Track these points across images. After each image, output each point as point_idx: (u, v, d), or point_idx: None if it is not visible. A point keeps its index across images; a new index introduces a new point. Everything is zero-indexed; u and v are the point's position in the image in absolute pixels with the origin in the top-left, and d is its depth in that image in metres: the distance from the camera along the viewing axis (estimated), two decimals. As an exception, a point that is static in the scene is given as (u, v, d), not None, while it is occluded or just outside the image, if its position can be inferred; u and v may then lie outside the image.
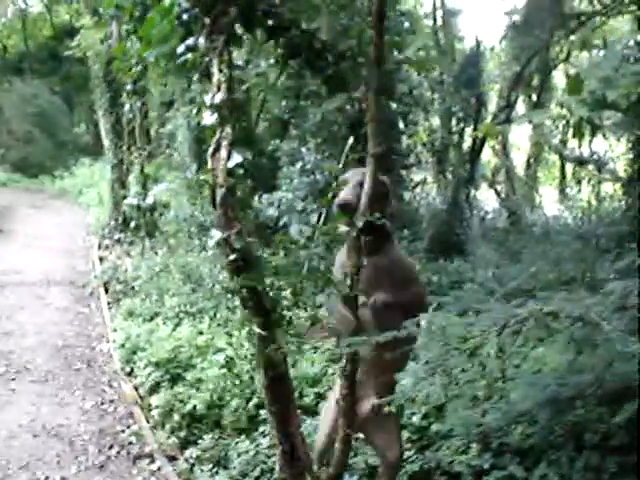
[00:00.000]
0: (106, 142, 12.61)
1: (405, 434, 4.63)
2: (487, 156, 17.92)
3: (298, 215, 6.59)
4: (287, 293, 3.11)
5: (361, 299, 3.03)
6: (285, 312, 3.03)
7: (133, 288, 8.28)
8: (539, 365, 5.47)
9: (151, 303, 7.41)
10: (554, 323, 2.37)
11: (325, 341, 6.44)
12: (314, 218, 3.16)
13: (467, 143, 13.08)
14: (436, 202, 12.47)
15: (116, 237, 11.10)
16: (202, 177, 2.93)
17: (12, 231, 12.69)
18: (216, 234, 2.83)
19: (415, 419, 4.86)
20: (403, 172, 10.93)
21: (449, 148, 12.32)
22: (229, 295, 7.48)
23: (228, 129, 2.98)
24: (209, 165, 2.95)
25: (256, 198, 8.99)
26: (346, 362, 3.08)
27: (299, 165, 8.31)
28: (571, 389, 3.88)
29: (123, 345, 6.38)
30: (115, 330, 6.95)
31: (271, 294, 2.94)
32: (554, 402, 4.46)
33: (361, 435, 3.86)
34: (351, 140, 3.87)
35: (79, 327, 7.58)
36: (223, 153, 2.93)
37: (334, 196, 3.10)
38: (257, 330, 2.89)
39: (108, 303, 8.06)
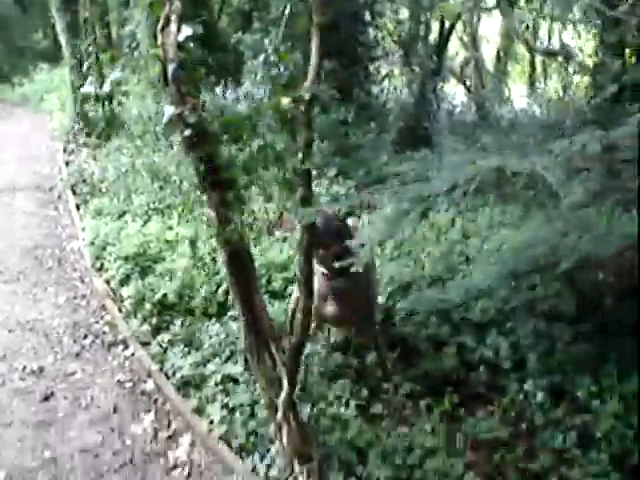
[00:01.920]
0: (63, 42, 12.07)
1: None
2: (456, 48, 17.60)
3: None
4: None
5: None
6: (242, 191, 3.07)
7: (100, 189, 8.22)
8: (499, 245, 5.67)
9: (119, 202, 7.39)
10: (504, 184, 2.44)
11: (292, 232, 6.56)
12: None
13: (434, 35, 12.79)
14: (403, 95, 12.31)
15: (81, 141, 10.85)
16: (152, 51, 2.85)
17: (-28, 140, 12.36)
18: (169, 110, 2.81)
19: (380, 299, 5.04)
20: (369, 65, 10.72)
21: (417, 40, 12.04)
22: (198, 192, 7.52)
23: (177, 2, 2.90)
24: (159, 40, 2.89)
25: (220, 94, 8.82)
26: (302, 234, 3.16)
27: (262, 57, 8.08)
28: (528, 262, 4.05)
29: (93, 243, 6.40)
30: (84, 229, 6.95)
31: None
32: (512, 276, 4.68)
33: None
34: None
35: (48, 229, 7.56)
36: (173, 27, 2.86)
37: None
38: (212, 209, 2.94)
39: (76, 205, 8.01)
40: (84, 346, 4.85)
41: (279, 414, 3.01)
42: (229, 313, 4.88)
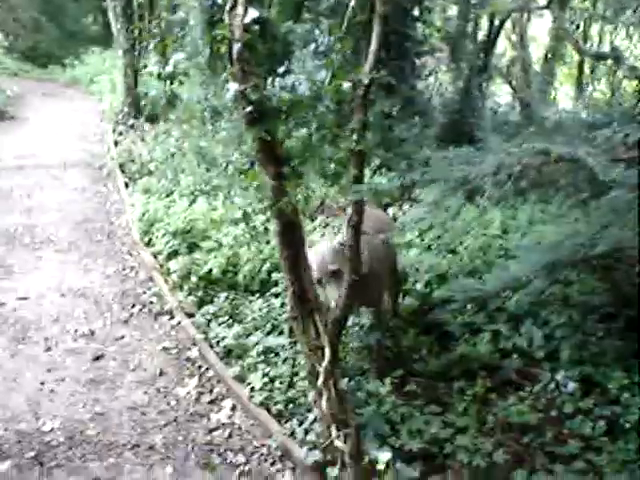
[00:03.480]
0: (116, 27, 12.40)
1: (408, 300, 4.97)
2: (503, 48, 17.48)
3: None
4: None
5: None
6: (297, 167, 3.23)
7: (149, 169, 8.48)
8: (538, 240, 5.73)
9: (167, 182, 7.64)
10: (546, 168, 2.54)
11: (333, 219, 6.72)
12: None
13: (483, 32, 12.78)
14: (448, 91, 12.35)
15: (130, 123, 11.16)
16: (218, 32, 3.02)
17: (26, 119, 12.78)
18: (233, 87, 2.98)
19: (419, 286, 5.17)
20: (416, 60, 10.77)
21: (464, 37, 12.06)
22: (242, 175, 7.72)
23: (244, -15, 3.06)
24: (226, 21, 3.06)
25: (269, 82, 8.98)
26: (352, 212, 3.31)
27: (312, 47, 8.22)
28: (566, 253, 4.11)
29: (141, 219, 6.66)
30: (133, 205, 7.22)
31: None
32: (549, 268, 4.74)
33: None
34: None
35: (98, 204, 7.87)
36: (240, 9, 3.03)
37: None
38: (270, 180, 3.10)
39: (125, 183, 8.30)
40: (132, 314, 5.09)
41: (320, 381, 3.17)
42: (272, 290, 5.06)
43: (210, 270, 5.25)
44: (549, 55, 19.00)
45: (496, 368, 4.31)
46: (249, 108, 2.99)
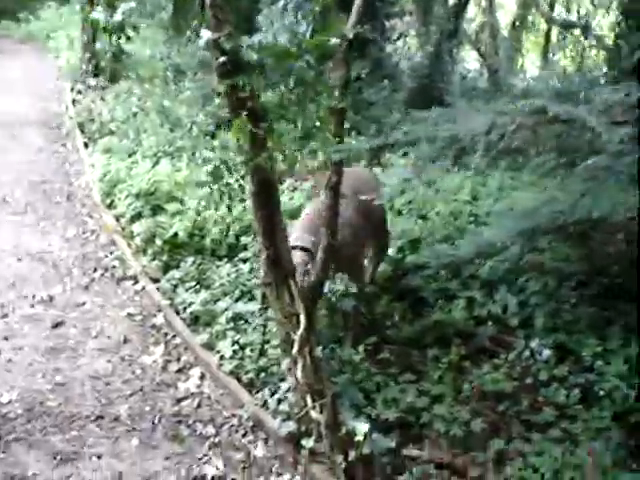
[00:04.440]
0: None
1: (382, 266, 4.85)
2: (473, 13, 17.29)
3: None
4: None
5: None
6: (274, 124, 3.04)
7: (109, 129, 8.11)
8: (511, 206, 5.67)
9: (129, 142, 7.32)
10: (541, 128, 2.42)
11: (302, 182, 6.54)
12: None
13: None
14: (417, 56, 12.14)
15: (89, 81, 10.66)
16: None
17: (-23, 75, 12.13)
18: (205, 34, 2.76)
19: (391, 252, 5.05)
20: (386, 22, 10.54)
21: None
22: (207, 137, 7.46)
23: None
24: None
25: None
26: (332, 173, 3.15)
27: (280, 4, 7.91)
28: (543, 219, 4.03)
29: (102, 180, 6.37)
30: (93, 166, 6.90)
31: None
32: (524, 235, 4.67)
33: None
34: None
35: (56, 164, 7.51)
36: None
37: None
38: (246, 136, 2.90)
39: (84, 143, 7.93)
40: (93, 279, 4.86)
41: (295, 349, 3.02)
42: (240, 255, 4.88)
43: (175, 234, 5.03)
44: (517, 22, 18.94)
45: (470, 335, 4.24)
46: (223, 58, 2.77)
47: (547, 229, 4.30)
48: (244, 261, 4.82)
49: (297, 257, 3.36)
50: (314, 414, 3.01)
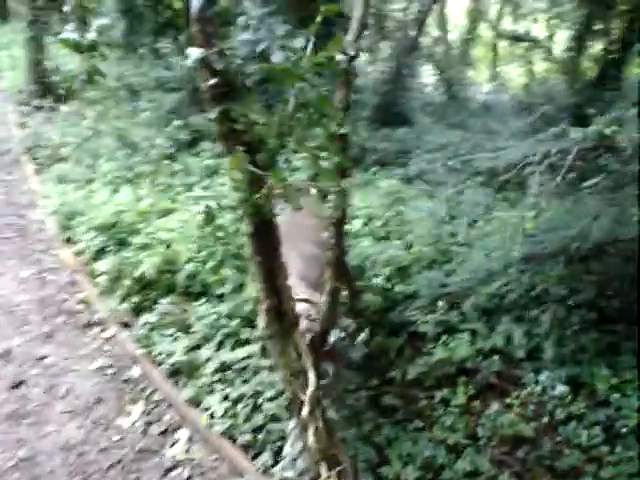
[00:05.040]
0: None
1: (370, 296, 4.51)
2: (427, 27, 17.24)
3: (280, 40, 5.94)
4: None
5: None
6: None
7: (61, 155, 7.54)
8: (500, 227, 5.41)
9: (83, 169, 6.78)
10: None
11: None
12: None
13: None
14: (374, 71, 11.92)
15: (36, 103, 10.01)
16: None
17: None
18: (194, 52, 2.35)
19: (379, 280, 4.72)
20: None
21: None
22: (167, 161, 7.01)
23: None
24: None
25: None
26: (335, 208, 2.81)
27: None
28: (553, 244, 3.77)
29: (57, 211, 5.81)
30: (47, 197, 6.32)
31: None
32: (528, 260, 4.40)
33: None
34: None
35: (5, 195, 6.86)
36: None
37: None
38: (245, 169, 2.50)
39: (35, 170, 7.32)
40: (56, 326, 4.32)
41: (305, 411, 2.63)
42: (216, 292, 4.44)
43: (144, 271, 4.55)
44: (467, 36, 19.06)
45: (475, 371, 3.94)
46: (213, 80, 2.38)
47: (553, 253, 4.05)
48: (220, 298, 4.38)
49: (299, 308, 2.97)
50: (332, 486, 2.62)
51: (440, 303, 4.39)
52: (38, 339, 4.15)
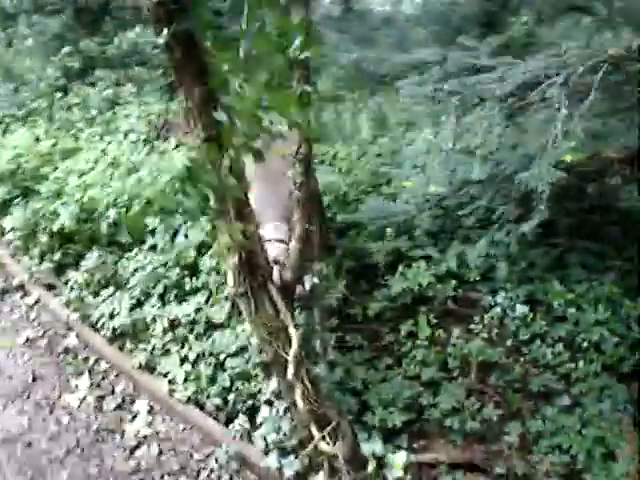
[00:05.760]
0: None
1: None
2: None
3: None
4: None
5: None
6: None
7: None
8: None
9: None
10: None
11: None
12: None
13: None
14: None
15: None
16: None
17: None
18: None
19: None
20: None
21: None
22: (60, 93, 6.27)
23: None
24: None
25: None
26: (299, 145, 2.47)
27: None
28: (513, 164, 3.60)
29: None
30: None
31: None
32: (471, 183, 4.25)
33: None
34: None
35: None
36: None
37: None
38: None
39: None
40: (-35, 296, 3.78)
41: (290, 372, 2.36)
42: (148, 242, 4.00)
43: (63, 223, 4.01)
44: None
45: (432, 298, 3.82)
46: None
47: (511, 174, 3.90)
48: (153, 249, 3.95)
49: (275, 251, 2.66)
50: (325, 447, 2.41)
51: (388, 230, 4.21)
52: (-52, 313, 3.60)
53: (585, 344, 3.40)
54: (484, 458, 2.86)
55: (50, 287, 3.75)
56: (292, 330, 2.42)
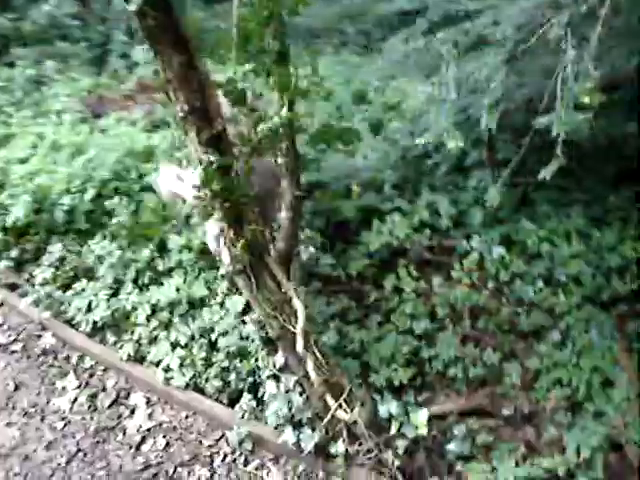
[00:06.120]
0: None
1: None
2: None
3: None
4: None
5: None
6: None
7: None
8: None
9: None
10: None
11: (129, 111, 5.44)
12: None
13: None
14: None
15: None
16: None
17: None
18: None
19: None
20: None
21: None
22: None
23: None
24: None
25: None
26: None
27: None
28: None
29: None
30: None
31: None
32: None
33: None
34: None
35: None
36: None
37: None
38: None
39: None
40: None
41: (299, 345, 2.29)
42: (109, 224, 3.79)
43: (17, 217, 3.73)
44: None
45: (407, 251, 3.80)
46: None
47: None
48: (113, 237, 3.73)
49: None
50: (344, 415, 2.36)
51: (354, 187, 4.14)
52: None
53: (563, 278, 3.46)
54: (490, 402, 2.89)
55: (13, 287, 3.51)
56: (296, 302, 2.34)
